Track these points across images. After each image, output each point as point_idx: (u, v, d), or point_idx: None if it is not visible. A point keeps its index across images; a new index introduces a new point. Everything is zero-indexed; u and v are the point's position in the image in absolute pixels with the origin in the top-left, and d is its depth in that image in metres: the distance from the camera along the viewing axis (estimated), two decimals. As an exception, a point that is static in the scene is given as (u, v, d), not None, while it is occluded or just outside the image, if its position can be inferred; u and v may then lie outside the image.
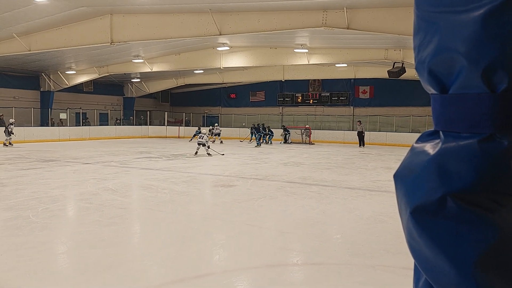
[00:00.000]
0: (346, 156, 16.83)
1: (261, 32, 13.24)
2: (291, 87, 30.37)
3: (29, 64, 22.72)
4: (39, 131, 23.44)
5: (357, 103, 29.01)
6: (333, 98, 29.57)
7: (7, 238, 4.96)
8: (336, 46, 18.38)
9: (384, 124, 27.10)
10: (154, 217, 6.19)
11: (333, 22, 12.07)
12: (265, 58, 20.28)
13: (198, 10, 13.12)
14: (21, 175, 9.95)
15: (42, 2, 11.94)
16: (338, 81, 28.05)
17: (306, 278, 4.01)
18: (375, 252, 4.68)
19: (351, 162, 14.44)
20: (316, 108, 30.28)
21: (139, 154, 16.28)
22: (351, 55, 18.84)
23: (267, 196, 7.78)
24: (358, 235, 5.39)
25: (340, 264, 4.30)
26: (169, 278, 3.84)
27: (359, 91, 28.94)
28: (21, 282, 3.62)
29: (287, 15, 12.56)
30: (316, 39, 17.07)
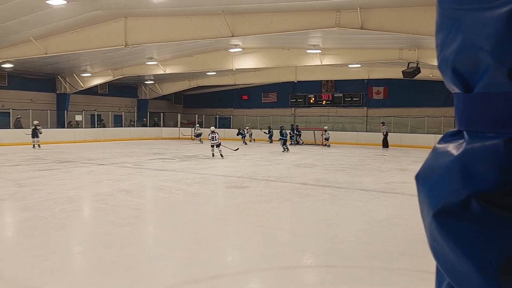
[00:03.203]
0: (360, 158, 16.70)
1: (274, 33, 13.23)
2: (303, 88, 30.28)
3: (46, 67, 23.10)
4: (56, 132, 23.78)
5: (371, 104, 28.78)
6: (346, 99, 29.40)
7: (24, 238, 5.04)
8: (350, 46, 18.26)
9: (399, 125, 26.81)
10: (167, 218, 6.23)
11: (347, 23, 11.99)
12: (277, 59, 20.26)
13: (211, 12, 13.17)
14: (38, 176, 10.11)
15: (58, 6, 12.13)
16: (351, 82, 27.86)
17: (320, 281, 3.99)
18: (390, 254, 4.63)
19: (365, 164, 14.32)
20: (329, 109, 30.14)
21: (153, 155, 16.41)
22: (364, 56, 18.69)
23: (280, 198, 7.76)
24: (372, 238, 5.34)
25: (354, 267, 4.26)
26: (182, 278, 3.86)
27: (372, 92, 28.72)
28: (38, 281, 3.67)
29: (299, 15, 12.52)
30: (329, 39, 16.99)
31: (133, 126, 29.92)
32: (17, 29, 14.82)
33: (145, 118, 31.35)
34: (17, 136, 21.44)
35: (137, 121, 30.96)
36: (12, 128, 22.52)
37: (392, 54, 18.09)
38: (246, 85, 31.94)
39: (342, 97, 29.58)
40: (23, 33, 15.40)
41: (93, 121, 27.61)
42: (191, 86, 30.72)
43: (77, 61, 21.92)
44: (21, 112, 23.29)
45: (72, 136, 24.42)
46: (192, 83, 30.35)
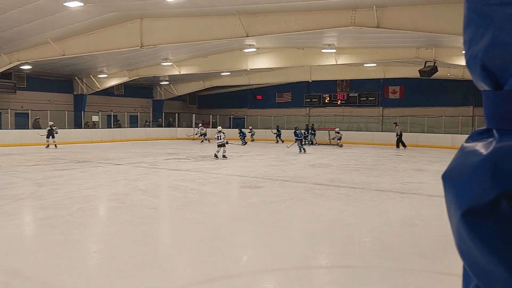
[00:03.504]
0: (375, 158, 16.55)
1: (288, 32, 13.20)
2: (318, 88, 30.14)
3: (63, 69, 23.50)
4: (73, 133, 24.20)
5: (387, 104, 28.50)
6: (362, 99, 29.17)
7: (43, 236, 5.14)
8: (365, 45, 18.12)
9: (415, 125, 26.49)
10: (183, 217, 6.27)
11: (362, 21, 11.89)
12: (292, 59, 20.22)
13: (226, 12, 13.22)
14: (56, 175, 10.29)
15: (75, 8, 12.32)
16: (366, 81, 27.64)
17: (335, 281, 3.96)
18: (406, 256, 4.58)
19: (381, 164, 14.18)
20: (344, 109, 29.94)
21: (168, 155, 16.54)
22: (380, 55, 18.52)
23: (295, 198, 7.74)
24: (388, 238, 5.29)
25: (370, 267, 4.23)
26: (198, 278, 3.88)
27: (388, 91, 28.43)
28: (56, 279, 3.74)
29: (314, 15, 12.47)
30: (344, 38, 16.89)
31: (148, 126, 30.22)
32: (36, 31, 15.11)
33: (160, 118, 31.62)
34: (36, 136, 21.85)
35: (152, 122, 31.26)
36: (31, 128, 22.97)
37: (409, 53, 17.88)
38: (260, 85, 31.95)
39: (357, 97, 29.36)
40: (41, 35, 15.70)
41: (109, 121, 27.99)
42: (205, 86, 30.88)
43: (94, 62, 22.24)
44: (39, 113, 23.78)
45: (88, 136, 24.80)
46: (207, 84, 30.50)
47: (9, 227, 5.48)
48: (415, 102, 27.11)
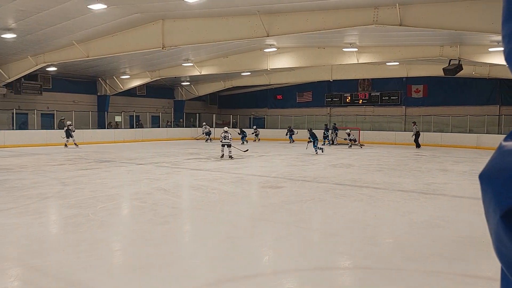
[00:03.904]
0: (398, 158, 16.28)
1: (309, 32, 13.11)
2: (339, 87, 29.87)
3: (87, 70, 23.98)
4: (97, 133, 24.69)
5: (410, 103, 28.02)
6: (384, 98, 28.76)
7: (68, 234, 5.25)
8: (388, 44, 17.84)
9: (439, 124, 25.97)
10: (204, 217, 6.30)
11: (385, 19, 11.71)
12: (312, 58, 20.09)
13: (246, 12, 13.23)
14: (80, 175, 10.51)
15: (99, 11, 12.55)
16: (389, 80, 27.23)
17: (357, 283, 3.91)
18: (431, 257, 4.48)
19: (404, 164, 13.95)
20: (365, 108, 29.59)
21: (189, 155, 16.68)
22: (403, 53, 18.21)
23: (316, 198, 7.69)
24: (411, 240, 5.19)
25: (393, 269, 4.16)
26: (219, 277, 3.89)
27: (411, 90, 27.95)
28: (81, 276, 3.81)
29: (336, 13, 12.35)
30: (366, 37, 16.67)
31: (170, 126, 30.55)
32: (61, 33, 15.47)
33: (181, 119, 31.92)
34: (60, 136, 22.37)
35: (173, 122, 31.59)
36: (57, 129, 23.53)
37: (433, 51, 17.52)
38: (281, 85, 31.88)
39: (379, 96, 28.96)
40: (66, 37, 16.06)
41: (131, 122, 28.42)
42: (226, 86, 31.01)
43: (117, 64, 22.62)
44: (64, 114, 24.34)
45: (111, 136, 25.27)
46: (227, 84, 30.62)
47: (36, 225, 5.62)
48: (439, 101, 26.56)
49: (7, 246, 4.73)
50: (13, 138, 20.43)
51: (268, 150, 19.65)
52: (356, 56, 19.00)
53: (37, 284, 3.66)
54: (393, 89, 28.34)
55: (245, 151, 15.73)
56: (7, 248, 4.67)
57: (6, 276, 3.84)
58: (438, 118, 26.03)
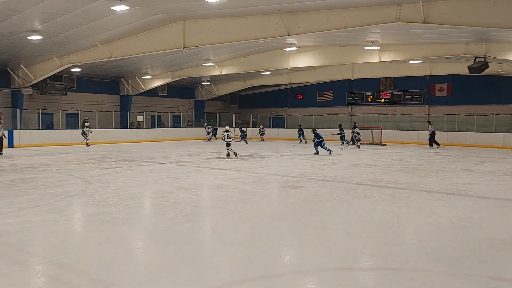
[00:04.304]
0: (421, 158, 15.99)
1: (331, 30, 12.99)
2: (360, 86, 29.54)
3: (110, 70, 24.40)
4: (119, 133, 25.13)
5: (433, 102, 27.49)
6: (407, 97, 28.31)
7: (93, 232, 5.35)
8: (410, 41, 17.53)
9: (463, 123, 25.38)
10: (224, 216, 6.33)
11: (408, 17, 11.49)
12: (333, 57, 19.91)
13: (267, 11, 13.21)
14: (104, 173, 10.69)
15: (122, 12, 12.74)
16: (412, 79, 26.76)
17: (380, 284, 3.85)
18: (456, 259, 4.38)
19: (427, 164, 13.69)
20: (388, 107, 29.17)
21: (209, 154, 16.78)
22: (426, 51, 17.86)
23: (337, 198, 7.62)
24: (436, 241, 5.09)
25: (417, 271, 4.08)
26: (240, 276, 3.90)
27: (435, 89, 27.41)
28: (105, 273, 3.88)
29: (357, 11, 12.20)
30: (389, 35, 16.42)
31: (190, 126, 30.82)
32: (85, 35, 15.78)
33: (202, 118, 32.16)
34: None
35: (194, 122, 31.85)
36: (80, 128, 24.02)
37: (457, 49, 17.13)
38: (301, 84, 31.75)
39: (402, 95, 28.52)
40: (90, 39, 16.38)
41: (153, 121, 28.79)
42: (246, 86, 31.06)
43: (139, 64, 22.94)
44: (88, 114, 24.86)
45: (134, 136, 25.67)
46: (247, 83, 30.67)
47: (61, 222, 5.74)
48: (464, 100, 25.98)
49: (34, 243, 4.85)
50: (39, 138, 20.97)
51: (289, 149, 19.59)
52: (378, 54, 18.74)
53: (62, 280, 3.74)
54: (416, 88, 27.87)
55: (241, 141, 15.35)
56: (34, 244, 4.79)
57: (33, 272, 3.94)
58: (463, 117, 25.45)
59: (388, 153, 18.17)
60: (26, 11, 12.50)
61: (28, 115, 22.79)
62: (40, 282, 3.75)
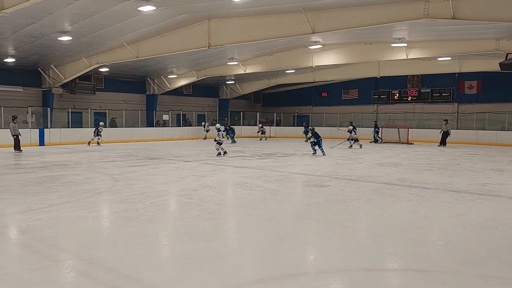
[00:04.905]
0: (450, 157, 15.60)
1: (356, 28, 12.82)
2: (387, 84, 29.04)
3: (137, 70, 24.84)
4: (145, 131, 25.60)
5: (462, 99, 26.74)
6: (435, 95, 27.64)
7: (120, 228, 5.46)
8: (439, 38, 17.11)
9: (494, 122, 24.59)
10: (249, 214, 6.35)
11: (436, 13, 11.21)
12: (359, 54, 19.64)
13: (291, 9, 13.15)
14: (130, 171, 10.90)
15: (148, 12, 12.94)
16: (440, 76, 26.10)
17: (406, 285, 3.78)
18: (487, 261, 4.26)
19: (456, 163, 13.34)
20: (415, 105, 28.56)
21: (233, 153, 16.85)
22: (455, 48, 17.38)
23: (363, 198, 7.52)
24: (465, 242, 4.96)
25: (446, 272, 3.98)
26: (265, 275, 3.90)
27: (464, 86, 26.66)
28: (132, 269, 3.95)
29: (384, 8, 11.99)
30: (416, 31, 16.07)
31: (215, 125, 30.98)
32: (112, 35, 16.11)
33: (226, 117, 32.34)
34: (111, 134, 23.39)
35: (218, 120, 32.04)
36: (108, 127, 24.59)
37: (488, 45, 16.60)
38: (326, 82, 31.46)
39: (429, 93, 27.86)
40: (117, 39, 16.71)
41: (178, 120, 29.15)
42: (270, 85, 31.03)
43: (164, 64, 23.25)
44: (116, 113, 25.40)
45: (160, 134, 26.08)
46: (271, 82, 30.62)
47: (89, 219, 5.89)
48: (494, 98, 25.15)
49: (64, 238, 4.99)
50: (69, 136, 21.56)
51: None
52: (405, 52, 18.38)
53: (91, 275, 3.83)
54: (444, 86, 27.18)
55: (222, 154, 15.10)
56: (64, 240, 4.92)
57: (63, 267, 4.05)
58: (493, 116, 24.67)
59: (415, 152, 17.81)
60: (56, 12, 12.85)
61: (58, 114, 23.46)
62: (69, 277, 3.86)
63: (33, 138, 20.18)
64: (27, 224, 5.52)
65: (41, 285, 3.58)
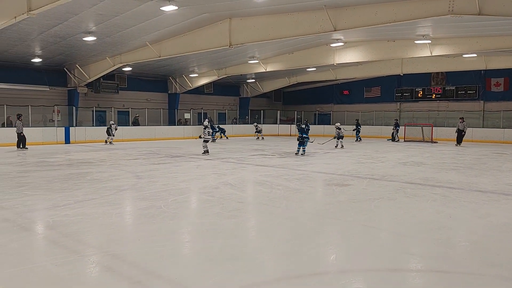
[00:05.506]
0: (475, 156, 15.23)
1: (379, 25, 12.63)
2: (410, 81, 28.53)
3: (159, 69, 25.15)
4: (168, 129, 25.93)
5: (489, 97, 26.05)
6: (460, 92, 27.02)
7: (143, 225, 5.56)
8: (464, 34, 16.70)
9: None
10: (269, 212, 6.36)
11: (462, 8, 10.94)
12: (381, 51, 19.35)
13: (313, 7, 13.07)
14: (153, 169, 11.07)
15: (170, 12, 13.08)
16: (465, 73, 25.47)
17: (431, 286, 3.72)
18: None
19: (481, 163, 13.03)
20: (439, 103, 27.98)
21: (254, 151, 16.89)
22: (481, 44, 16.93)
23: (385, 197, 7.43)
24: (491, 243, 4.85)
25: (471, 274, 3.91)
26: (286, 273, 3.91)
27: (491, 84, 25.96)
28: (155, 265, 4.02)
29: (407, 4, 11.77)
30: (441, 28, 15.73)
31: (235, 123, 31.17)
32: (136, 35, 16.35)
33: (247, 115, 32.41)
34: (134, 132, 23.78)
35: (239, 119, 32.19)
36: (131, 125, 25.00)
37: (515, 41, 16.13)
38: (347, 80, 31.13)
39: (454, 90, 27.25)
40: (140, 39, 16.96)
41: (200, 118, 29.37)
42: (290, 83, 30.92)
43: (186, 63, 23.46)
44: (139, 111, 25.79)
45: (181, 132, 26.38)
46: (292, 80, 30.51)
47: (113, 215, 6.02)
48: (523, 95, 24.44)
49: (90, 234, 5.11)
50: (93, 134, 22.02)
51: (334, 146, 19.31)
52: (429, 48, 18.01)
53: (116, 270, 3.92)
54: (470, 83, 26.53)
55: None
56: (90, 236, 5.05)
57: (88, 262, 4.15)
58: (522, 113, 23.99)
59: (439, 151, 17.47)
60: (81, 13, 13.13)
61: (83, 113, 23.98)
62: (95, 271, 3.95)
63: (59, 136, 20.73)
64: (54, 220, 5.68)
65: (68, 279, 3.68)
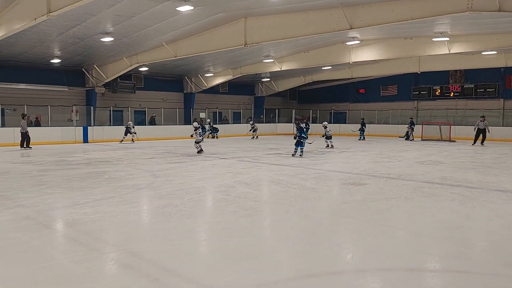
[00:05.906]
0: (495, 155, 14.95)
1: (396, 22, 12.51)
2: (427, 79, 28.14)
3: (175, 69, 25.36)
4: (183, 129, 25.99)
5: (508, 95, 25.52)
6: (479, 90, 26.54)
7: (160, 223, 5.63)
8: (483, 31, 16.40)
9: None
10: (285, 211, 6.36)
11: (481, 5, 10.75)
12: (398, 49, 19.13)
13: (328, 5, 13.01)
14: (169, 168, 11.17)
15: (186, 12, 13.18)
16: (484, 71, 25.01)
17: (449, 287, 3.68)
18: (535, 265, 4.07)
19: (501, 162, 12.78)
20: (457, 101, 27.53)
21: (269, 150, 16.89)
22: (501, 41, 16.61)
23: (402, 197, 7.36)
24: (510, 243, 4.76)
25: (489, 274, 3.85)
26: (302, 272, 3.91)
27: (511, 81, 25.42)
28: (173, 263, 4.07)
29: (425, 1, 11.62)
30: (459, 25, 15.48)
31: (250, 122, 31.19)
32: (152, 35, 16.53)
33: (262, 114, 32.43)
34: (151, 131, 24.02)
35: (254, 118, 32.19)
36: (148, 125, 25.27)
37: (537, 38, 15.77)
38: (363, 78, 30.87)
39: (473, 88, 26.79)
40: (157, 39, 17.13)
41: (215, 118, 29.53)
42: (306, 81, 30.82)
43: (201, 62, 23.61)
44: (155, 111, 26.05)
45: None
46: (307, 79, 30.40)
47: (131, 213, 6.10)
48: (544, 93, 23.87)
49: (108, 232, 5.20)
50: (111, 133, 22.32)
51: (350, 145, 19.19)
52: (447, 46, 17.74)
53: (134, 268, 3.98)
54: (489, 81, 26.05)
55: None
56: (109, 234, 5.13)
57: (107, 259, 4.22)
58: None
59: (457, 150, 17.20)
60: (99, 14, 13.33)
61: (101, 113, 24.34)
62: (113, 269, 4.02)
63: (77, 135, 21.08)
64: (74, 218, 5.79)
65: (87, 276, 3.76)
